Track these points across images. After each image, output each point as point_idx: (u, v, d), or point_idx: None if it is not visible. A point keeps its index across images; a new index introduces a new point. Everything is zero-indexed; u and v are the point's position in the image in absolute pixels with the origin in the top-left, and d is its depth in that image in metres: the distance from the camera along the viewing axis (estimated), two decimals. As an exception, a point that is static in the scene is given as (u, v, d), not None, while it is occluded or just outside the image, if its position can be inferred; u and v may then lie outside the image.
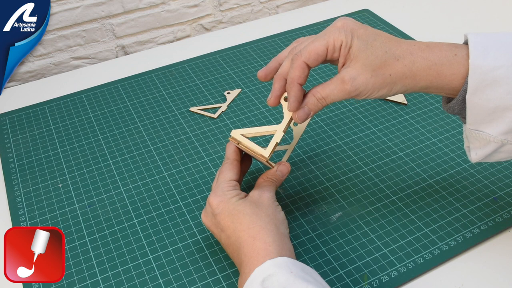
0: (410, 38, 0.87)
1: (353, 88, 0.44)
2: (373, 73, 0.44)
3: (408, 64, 0.44)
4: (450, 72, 0.44)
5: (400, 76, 0.45)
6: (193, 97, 0.76)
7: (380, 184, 0.61)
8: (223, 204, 0.49)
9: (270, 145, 0.51)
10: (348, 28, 0.45)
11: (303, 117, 0.47)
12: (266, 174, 0.53)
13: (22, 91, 0.81)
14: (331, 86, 0.46)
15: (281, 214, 0.50)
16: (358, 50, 0.44)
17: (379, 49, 0.44)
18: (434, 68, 0.44)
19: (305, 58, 0.45)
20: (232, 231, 0.47)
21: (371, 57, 0.44)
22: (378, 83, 0.45)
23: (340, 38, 0.44)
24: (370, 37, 0.45)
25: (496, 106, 0.43)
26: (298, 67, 0.46)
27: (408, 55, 0.44)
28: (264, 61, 0.83)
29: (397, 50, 0.45)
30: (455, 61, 0.44)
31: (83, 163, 0.66)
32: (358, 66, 0.44)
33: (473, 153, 0.47)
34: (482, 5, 0.98)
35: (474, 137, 0.46)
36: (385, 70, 0.44)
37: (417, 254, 0.53)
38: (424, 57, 0.44)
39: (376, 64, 0.44)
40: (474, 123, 0.45)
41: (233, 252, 0.48)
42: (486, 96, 0.43)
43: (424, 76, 0.44)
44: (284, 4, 1.03)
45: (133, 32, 0.92)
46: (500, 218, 0.56)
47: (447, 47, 0.44)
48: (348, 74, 0.44)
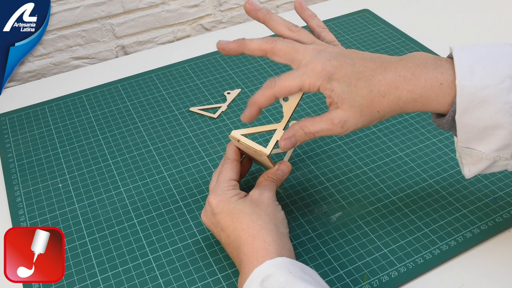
0: (410, 38, 0.87)
1: (343, 130, 0.46)
2: (362, 113, 0.45)
3: (394, 100, 0.44)
4: (435, 102, 0.44)
5: (388, 110, 0.45)
6: (193, 97, 0.76)
7: (380, 184, 0.61)
8: (223, 203, 0.49)
9: (270, 142, 0.51)
10: (327, 74, 0.45)
11: (289, 147, 0.49)
12: (267, 173, 0.53)
13: (22, 91, 0.81)
14: (321, 125, 0.46)
15: (281, 214, 0.50)
16: (341, 92, 0.44)
17: (363, 89, 0.44)
18: (419, 100, 0.44)
19: (276, 92, 0.47)
20: (232, 230, 0.48)
21: (357, 98, 0.44)
22: (367, 121, 0.46)
23: (317, 84, 0.45)
24: (353, 77, 0.45)
25: (486, 125, 0.42)
26: (266, 96, 0.47)
27: (393, 89, 0.44)
28: (264, 61, 0.83)
29: (381, 86, 0.44)
30: (441, 91, 0.43)
31: (83, 163, 0.66)
32: (345, 107, 0.45)
33: (467, 170, 0.47)
34: (482, 5, 0.98)
35: (467, 154, 0.46)
36: (373, 108, 0.45)
37: (417, 254, 0.53)
38: (409, 90, 0.44)
39: (363, 104, 0.45)
40: (466, 141, 0.45)
41: (233, 252, 0.48)
42: (475, 116, 0.42)
43: (411, 107, 0.45)
44: (284, 4, 1.03)
45: (133, 32, 0.92)
46: (500, 218, 0.56)
47: (432, 74, 0.43)
48: (338, 116, 0.45)
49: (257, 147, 0.51)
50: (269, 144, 0.51)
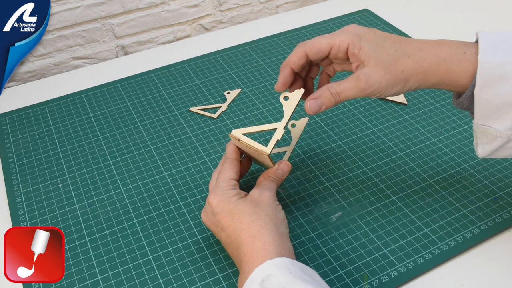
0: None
1: (368, 85, 0.46)
2: (386, 70, 0.46)
3: (419, 60, 0.46)
4: (459, 69, 0.45)
5: (412, 72, 0.46)
6: (193, 97, 0.76)
7: (380, 184, 0.61)
8: (223, 203, 0.49)
9: (271, 141, 0.51)
10: (357, 32, 0.47)
11: (315, 109, 0.48)
12: (267, 172, 0.53)
13: (22, 91, 0.81)
14: (346, 83, 0.48)
15: (281, 214, 0.50)
16: (369, 50, 0.46)
17: (389, 49, 0.46)
18: (443, 64, 0.45)
19: (307, 48, 0.48)
20: (232, 230, 0.48)
21: (383, 56, 0.46)
22: (391, 80, 0.46)
23: (347, 40, 0.47)
24: (379, 39, 0.47)
25: (504, 101, 0.44)
26: (297, 53, 0.49)
27: (418, 51, 0.46)
28: (264, 61, 0.83)
29: (407, 48, 0.46)
30: (464, 58, 0.45)
31: (83, 163, 0.66)
32: (371, 64, 0.46)
33: (480, 148, 0.48)
34: (482, 5, 0.98)
35: (482, 132, 0.47)
36: (398, 67, 0.46)
37: (417, 254, 0.53)
38: (433, 53, 0.46)
39: (388, 62, 0.46)
40: (482, 118, 0.46)
41: (233, 251, 0.48)
42: (494, 91, 0.44)
43: (435, 72, 0.46)
44: (284, 4, 1.03)
45: (133, 32, 0.92)
46: (500, 218, 0.56)
47: (456, 45, 0.46)
48: (363, 72, 0.47)
49: (258, 146, 0.51)
50: (269, 143, 0.51)
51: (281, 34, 0.90)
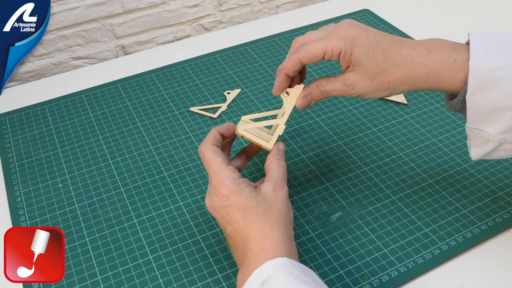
0: (410, 38, 0.86)
1: (354, 91, 0.49)
2: (373, 79, 0.47)
3: (407, 72, 0.46)
4: (449, 78, 0.45)
5: (399, 82, 0.47)
6: (193, 97, 0.76)
7: (380, 184, 0.61)
8: (235, 196, 0.47)
9: (273, 137, 0.53)
10: (349, 37, 0.47)
11: (305, 105, 0.52)
12: (271, 157, 0.52)
13: (22, 91, 0.81)
14: (335, 84, 0.49)
15: (292, 214, 0.49)
16: (358, 57, 0.47)
17: (379, 57, 0.47)
18: (433, 74, 0.46)
19: (301, 56, 0.49)
20: (241, 226, 0.46)
21: (372, 65, 0.47)
22: (377, 88, 0.48)
23: (339, 46, 0.47)
24: (372, 44, 0.47)
25: (495, 106, 0.44)
26: (291, 60, 0.50)
27: (407, 62, 0.46)
28: (264, 61, 0.83)
29: (397, 57, 0.47)
30: (454, 67, 0.45)
31: (83, 163, 0.66)
32: (359, 71, 0.47)
33: (473, 151, 0.48)
34: (482, 5, 0.98)
35: (474, 135, 0.47)
36: (384, 77, 0.47)
37: (417, 254, 0.53)
38: (423, 63, 0.46)
39: (376, 72, 0.47)
40: (474, 122, 0.46)
41: (237, 246, 0.47)
42: (485, 97, 0.44)
43: (423, 81, 0.46)
44: (284, 4, 1.03)
45: (133, 32, 0.92)
46: (500, 218, 0.56)
47: (448, 52, 0.45)
48: (351, 78, 0.48)
49: (261, 143, 0.53)
50: (271, 140, 0.53)
51: (281, 34, 0.90)
